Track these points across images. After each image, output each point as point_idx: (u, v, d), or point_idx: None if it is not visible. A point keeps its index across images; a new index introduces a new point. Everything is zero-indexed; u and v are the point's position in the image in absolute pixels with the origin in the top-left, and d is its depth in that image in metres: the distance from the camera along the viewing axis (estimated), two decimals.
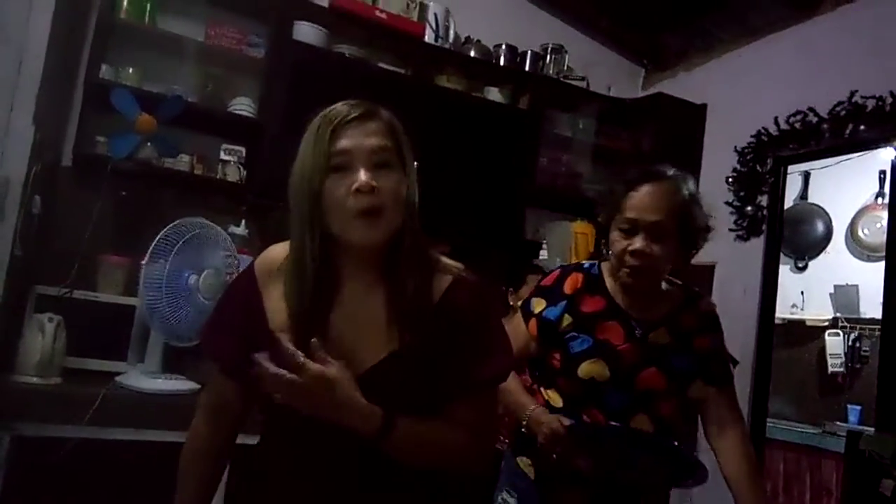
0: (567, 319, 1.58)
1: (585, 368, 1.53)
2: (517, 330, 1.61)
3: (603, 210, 1.60)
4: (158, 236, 2.25)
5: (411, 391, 1.08)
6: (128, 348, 2.43)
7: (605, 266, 1.64)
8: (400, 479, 1.10)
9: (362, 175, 1.04)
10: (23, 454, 2.02)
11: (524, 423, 1.55)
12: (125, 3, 2.69)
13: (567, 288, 1.61)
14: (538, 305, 1.62)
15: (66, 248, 2.45)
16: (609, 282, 1.60)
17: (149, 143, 2.61)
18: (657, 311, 1.59)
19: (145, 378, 2.29)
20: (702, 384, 1.58)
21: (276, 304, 1.12)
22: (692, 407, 1.60)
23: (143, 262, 2.24)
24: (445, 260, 1.17)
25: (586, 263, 1.67)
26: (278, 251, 1.17)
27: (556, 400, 1.60)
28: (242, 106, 2.89)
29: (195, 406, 1.27)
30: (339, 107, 1.10)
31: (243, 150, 2.91)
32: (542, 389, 1.64)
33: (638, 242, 1.48)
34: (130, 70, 2.71)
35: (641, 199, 1.49)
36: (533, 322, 1.61)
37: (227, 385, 1.21)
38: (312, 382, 0.98)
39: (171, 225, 2.27)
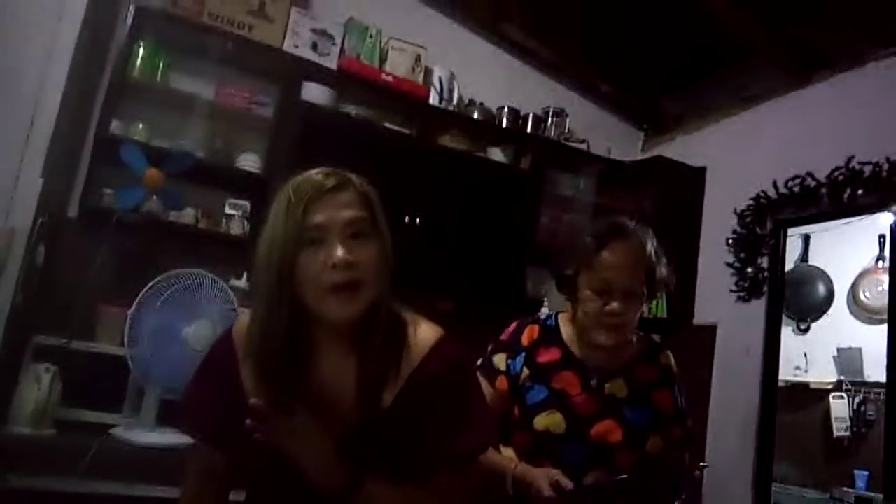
0: (525, 371, 1.58)
1: (541, 420, 1.52)
2: (485, 392, 1.59)
3: (571, 263, 1.60)
4: (148, 285, 2.25)
5: (384, 460, 1.06)
6: (124, 400, 2.40)
7: (561, 317, 1.65)
8: None
9: (338, 251, 1.00)
10: None
11: (508, 482, 1.50)
12: (138, 61, 2.77)
13: (524, 340, 1.61)
14: (500, 361, 1.62)
15: (66, 298, 2.46)
16: (566, 332, 1.61)
17: (155, 197, 2.64)
18: (615, 362, 1.59)
19: (139, 431, 2.26)
20: (659, 440, 1.56)
21: (253, 380, 1.09)
22: (651, 463, 1.56)
23: (129, 312, 2.24)
24: (424, 324, 1.13)
25: (542, 315, 1.69)
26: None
27: (511, 457, 1.57)
28: (249, 162, 2.95)
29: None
30: (311, 177, 1.07)
31: (248, 204, 2.95)
32: (499, 447, 1.61)
33: (615, 304, 1.49)
34: (140, 126, 2.77)
35: (614, 260, 1.51)
36: (501, 378, 1.60)
37: (210, 453, 1.18)
38: (301, 424, 0.99)
39: (163, 275, 2.28)
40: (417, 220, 3.02)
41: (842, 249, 4.24)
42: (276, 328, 1.04)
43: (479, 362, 1.66)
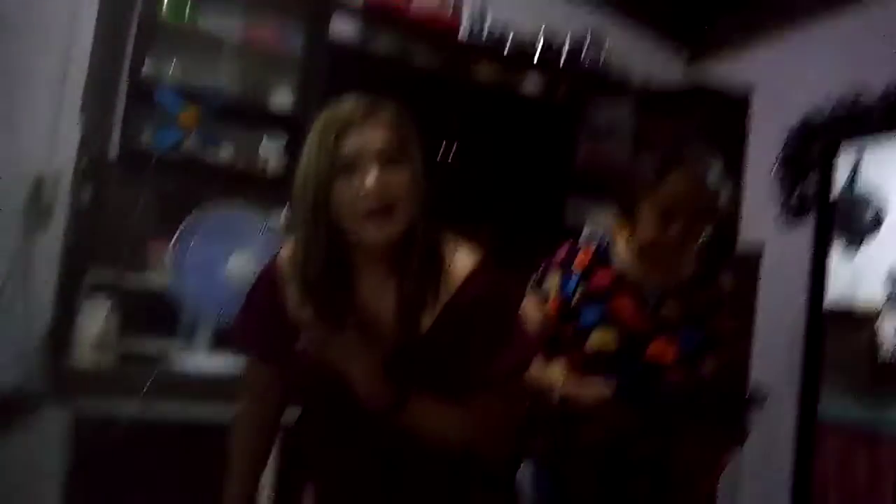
0: (579, 293, 1.57)
1: (594, 340, 1.53)
2: (531, 314, 1.60)
3: (628, 194, 1.58)
4: (189, 218, 2.31)
5: (424, 381, 1.09)
6: (178, 329, 2.49)
7: (617, 238, 1.63)
8: (425, 459, 1.12)
9: (370, 178, 1.03)
10: (83, 432, 2.09)
11: (555, 397, 1.52)
12: (164, 4, 2.75)
13: (578, 261, 1.60)
14: (552, 283, 1.61)
15: (115, 236, 2.53)
16: (621, 254, 1.59)
17: (192, 137, 2.67)
18: (672, 284, 1.57)
19: (197, 357, 2.35)
20: (714, 361, 1.55)
21: (295, 299, 1.13)
22: (702, 382, 1.55)
23: (171, 244, 2.30)
24: (464, 249, 1.16)
25: (597, 236, 1.67)
26: None
27: (561, 375, 1.58)
28: (281, 99, 2.93)
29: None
30: (343, 105, 1.09)
31: (283, 143, 2.95)
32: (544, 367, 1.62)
33: (678, 228, 1.47)
34: (172, 66, 2.77)
35: (677, 186, 1.48)
36: (552, 300, 1.60)
37: (263, 370, 1.24)
38: (350, 340, 1.03)
39: (203, 210, 2.34)
40: (450, 157, 2.99)
41: (893, 168, 4.10)
42: (316, 253, 1.07)
43: (530, 283, 1.67)
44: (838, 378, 4.11)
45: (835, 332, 4.10)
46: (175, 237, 2.30)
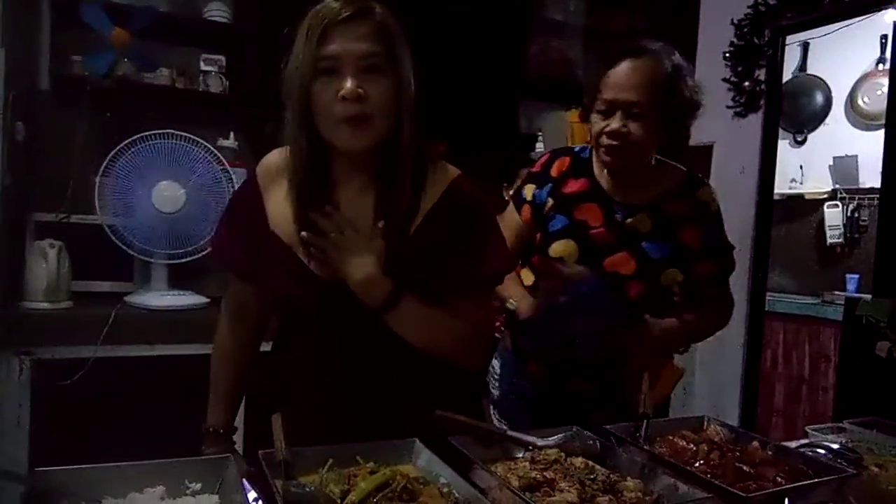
0: (550, 201, 1.59)
1: (556, 247, 1.55)
2: (509, 220, 1.63)
3: (585, 93, 1.55)
4: (111, 153, 2.22)
5: (408, 286, 1.10)
6: (132, 269, 2.45)
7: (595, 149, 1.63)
8: (406, 364, 1.14)
9: (349, 82, 1.01)
10: (43, 377, 2.08)
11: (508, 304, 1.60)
12: None
13: (554, 171, 1.61)
14: (529, 191, 1.63)
15: (56, 174, 2.42)
16: (596, 165, 1.59)
17: (126, 59, 2.53)
18: (643, 196, 1.56)
19: (154, 295, 2.32)
20: (678, 273, 1.57)
21: (275, 206, 1.14)
22: (665, 293, 1.59)
23: (96, 179, 2.23)
24: (443, 163, 1.18)
25: (577, 147, 1.66)
26: (276, 156, 1.18)
27: (527, 278, 1.64)
28: (217, 12, 2.77)
29: (205, 319, 1.31)
30: (330, 4, 1.04)
31: (224, 59, 2.82)
32: (519, 269, 1.68)
33: (614, 123, 1.45)
34: None
35: (618, 78, 1.45)
36: (526, 208, 1.62)
37: (243, 288, 1.25)
38: (350, 237, 1.05)
39: (127, 140, 2.24)
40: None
41: (841, 55, 4.13)
42: (299, 155, 1.08)
43: (511, 192, 1.67)
44: (787, 260, 4.31)
45: (784, 218, 4.26)
46: (100, 171, 2.22)
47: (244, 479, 0.89)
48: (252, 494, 0.90)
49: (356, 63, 1.02)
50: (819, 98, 4.30)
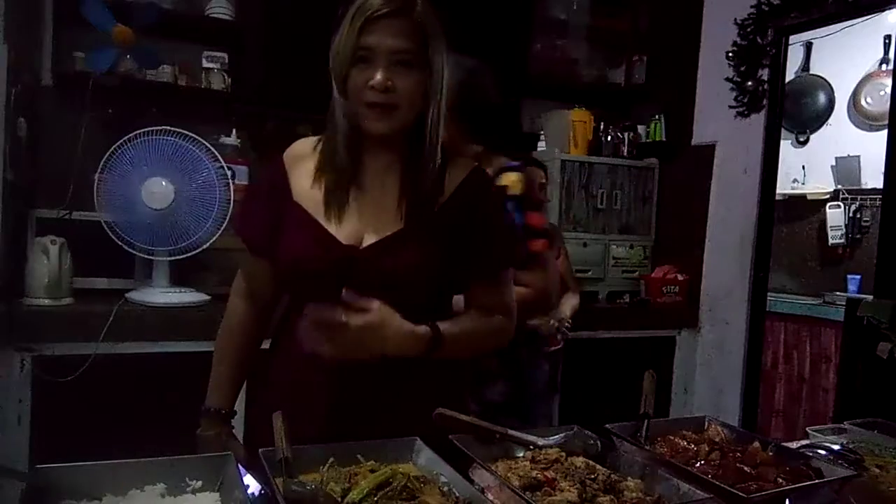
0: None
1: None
2: None
3: None
4: (110, 150, 2.22)
5: (412, 270, 1.13)
6: (133, 265, 2.45)
7: None
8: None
9: (379, 74, 1.08)
10: (44, 373, 2.08)
11: None
12: None
13: None
14: None
15: (58, 170, 2.42)
16: None
17: (128, 56, 2.53)
18: None
19: (155, 292, 2.32)
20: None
21: (300, 180, 1.20)
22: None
23: (95, 177, 2.23)
24: (461, 158, 1.24)
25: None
26: (304, 144, 1.24)
27: None
28: (220, 9, 2.77)
29: (206, 316, 1.31)
30: None
31: (226, 56, 2.82)
32: None
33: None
34: None
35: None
36: None
37: (256, 265, 1.27)
38: (360, 332, 1.01)
39: (123, 137, 2.24)
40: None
41: (844, 55, 4.12)
42: (340, 137, 1.15)
43: None
44: (789, 260, 4.31)
45: (785, 218, 4.26)
46: (98, 168, 2.22)
47: (239, 466, 0.90)
48: (248, 479, 0.92)
49: (388, 56, 1.09)
50: (822, 98, 4.29)
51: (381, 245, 1.13)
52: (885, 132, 2.73)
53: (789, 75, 3.45)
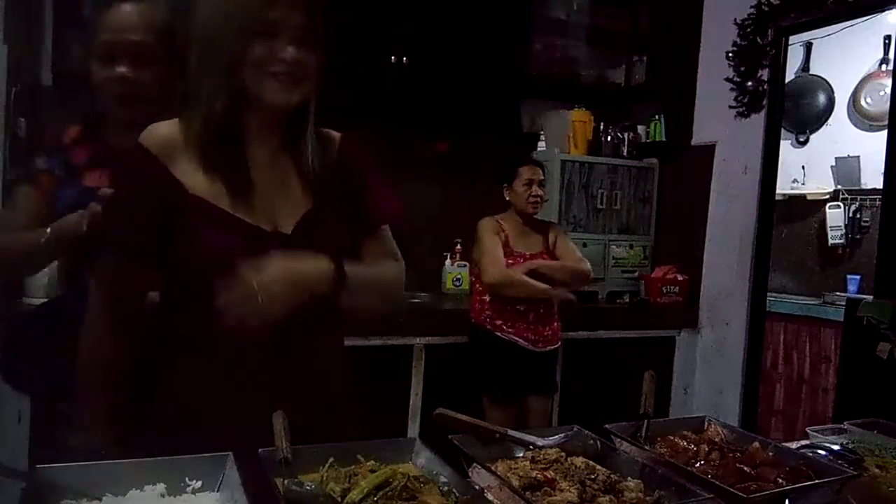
0: None
1: None
2: None
3: None
4: None
5: (334, 243, 1.15)
6: None
7: None
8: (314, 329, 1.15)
9: (289, 48, 1.09)
10: None
11: None
12: None
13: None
14: None
15: None
16: None
17: None
18: None
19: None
20: None
21: (190, 173, 1.10)
22: None
23: None
24: (328, 130, 1.26)
25: None
26: (166, 128, 1.12)
27: None
28: None
29: None
30: None
31: None
32: None
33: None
34: None
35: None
36: None
37: (127, 273, 1.15)
38: (275, 284, 1.01)
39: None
40: (404, 58, 2.90)
41: (844, 55, 4.12)
42: (216, 113, 1.09)
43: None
44: (788, 261, 4.31)
45: (785, 218, 4.26)
46: None
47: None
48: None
49: (294, 32, 1.09)
50: (822, 98, 4.29)
51: (301, 226, 1.14)
52: (884, 132, 2.74)
53: (789, 75, 3.45)
